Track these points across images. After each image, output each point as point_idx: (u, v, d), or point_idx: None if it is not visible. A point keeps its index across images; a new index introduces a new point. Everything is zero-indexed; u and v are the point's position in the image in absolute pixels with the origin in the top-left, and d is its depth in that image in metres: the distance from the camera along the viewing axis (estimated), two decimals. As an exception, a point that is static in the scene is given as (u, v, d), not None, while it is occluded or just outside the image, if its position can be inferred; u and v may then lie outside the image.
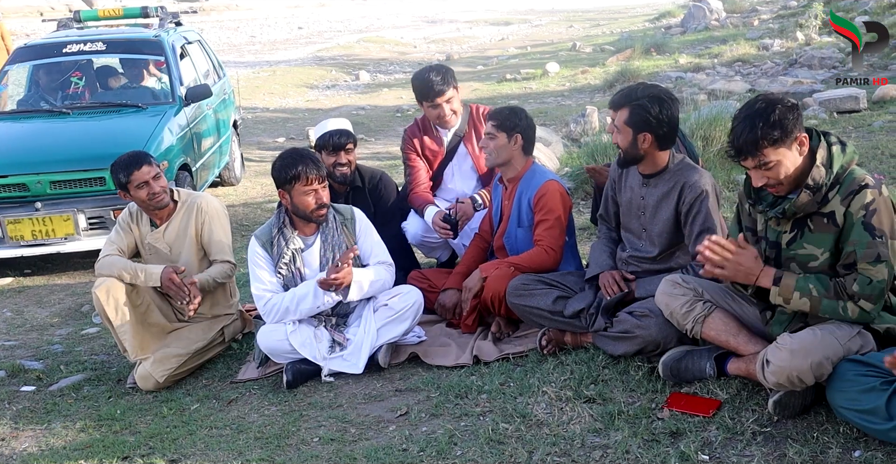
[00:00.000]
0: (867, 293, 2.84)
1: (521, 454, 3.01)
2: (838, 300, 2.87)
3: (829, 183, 2.92)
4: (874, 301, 2.85)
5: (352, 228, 4.15)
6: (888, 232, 2.86)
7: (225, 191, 8.96)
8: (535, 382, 3.55)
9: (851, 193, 2.89)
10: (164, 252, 4.36)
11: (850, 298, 2.86)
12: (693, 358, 3.33)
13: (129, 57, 7.76)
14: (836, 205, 2.91)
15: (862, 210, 2.86)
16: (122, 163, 4.20)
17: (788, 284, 2.92)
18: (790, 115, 2.87)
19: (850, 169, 2.96)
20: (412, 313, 4.02)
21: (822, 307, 2.89)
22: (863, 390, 2.74)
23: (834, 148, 2.96)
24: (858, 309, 2.85)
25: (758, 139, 2.86)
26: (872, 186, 2.89)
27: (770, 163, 2.89)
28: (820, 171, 2.92)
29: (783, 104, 2.89)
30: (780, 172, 2.91)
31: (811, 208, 2.94)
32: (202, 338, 4.32)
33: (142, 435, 3.61)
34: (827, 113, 8.52)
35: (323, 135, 4.71)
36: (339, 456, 3.18)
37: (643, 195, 3.72)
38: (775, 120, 2.85)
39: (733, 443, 2.91)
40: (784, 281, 2.93)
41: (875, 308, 2.86)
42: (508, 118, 4.16)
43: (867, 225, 2.85)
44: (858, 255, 2.86)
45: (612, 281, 3.71)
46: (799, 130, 2.90)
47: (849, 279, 2.88)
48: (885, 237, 2.85)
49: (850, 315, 2.88)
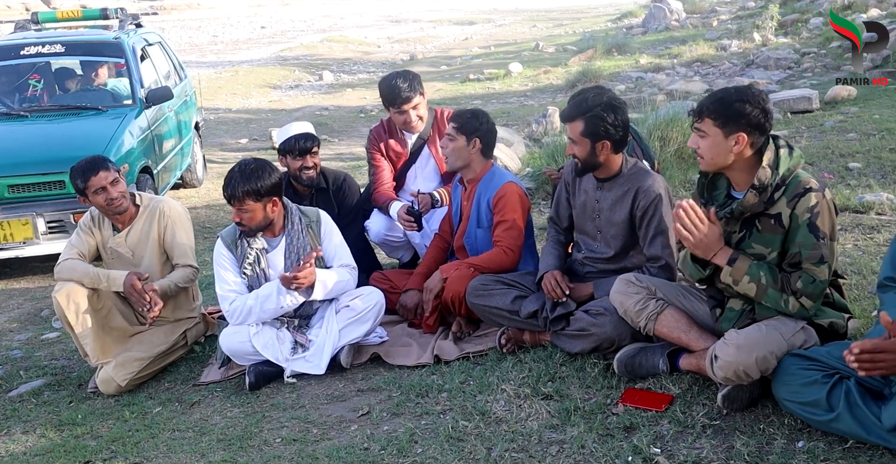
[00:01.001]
0: (809, 291, 2.95)
1: (479, 451, 3.07)
2: (783, 293, 2.98)
3: (775, 185, 3.01)
4: (814, 299, 2.96)
5: (317, 231, 4.18)
6: (829, 234, 2.97)
7: (187, 193, 8.94)
8: (495, 380, 3.62)
9: (797, 196, 2.98)
10: (126, 256, 4.37)
11: (793, 294, 2.97)
12: (647, 355, 3.42)
13: (88, 59, 7.70)
14: (782, 207, 3.00)
15: (807, 213, 2.95)
16: (80, 168, 4.20)
17: (741, 267, 3.01)
18: (750, 110, 2.95)
19: (795, 172, 3.05)
20: (374, 314, 4.07)
21: (766, 296, 2.99)
22: (805, 384, 2.84)
23: (781, 151, 3.05)
24: (799, 305, 2.96)
25: (704, 109, 3.00)
26: (817, 189, 2.99)
27: (703, 133, 3.02)
28: (766, 172, 3.01)
29: (752, 103, 2.96)
30: (707, 148, 3.02)
31: (758, 209, 3.04)
32: (164, 341, 4.33)
33: (103, 439, 3.63)
34: (781, 113, 8.69)
35: (287, 140, 4.74)
36: (301, 456, 3.22)
37: (598, 198, 3.80)
38: (732, 104, 2.96)
39: (684, 436, 2.99)
40: (738, 263, 3.02)
41: (814, 306, 2.97)
42: (469, 121, 4.22)
43: (812, 227, 2.95)
44: (803, 255, 2.97)
45: (553, 283, 3.78)
46: (744, 129, 2.96)
47: (794, 276, 2.98)
48: (826, 239, 2.96)
49: (790, 309, 2.98)
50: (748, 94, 3.01)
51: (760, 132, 3.02)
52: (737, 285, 3.04)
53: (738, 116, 2.97)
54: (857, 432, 2.73)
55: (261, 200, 3.91)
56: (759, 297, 3.02)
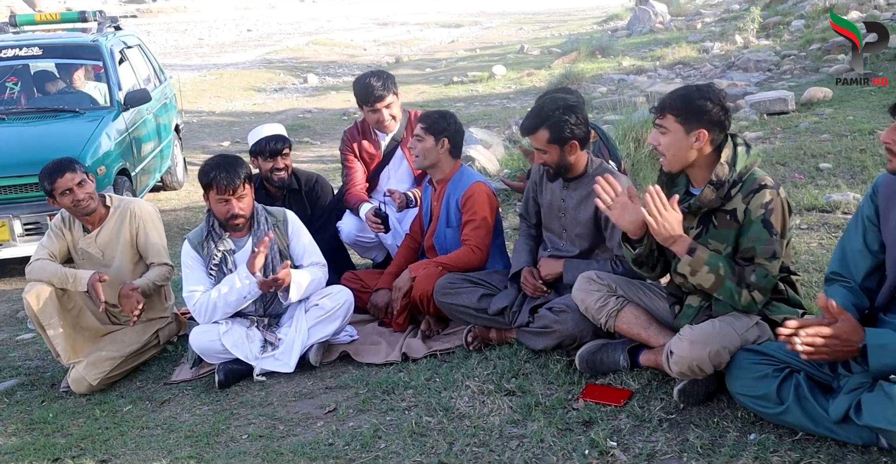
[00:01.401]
0: (762, 285, 3.01)
1: (441, 446, 3.12)
2: (738, 286, 3.02)
3: (732, 181, 3.07)
4: (765, 294, 3.03)
5: (284, 230, 4.23)
6: (780, 230, 3.03)
7: (167, 195, 8.97)
8: (460, 377, 3.67)
9: (752, 192, 3.04)
10: (96, 257, 4.40)
11: (746, 287, 3.02)
12: (608, 351, 3.47)
13: (65, 62, 7.72)
14: (737, 202, 3.07)
15: (761, 209, 3.02)
16: (47, 171, 4.25)
17: (701, 257, 3.03)
18: (710, 107, 3.02)
19: (752, 170, 3.11)
20: (342, 313, 4.12)
21: (722, 287, 3.03)
22: (757, 378, 2.90)
23: (739, 149, 3.11)
24: (750, 298, 3.01)
25: (667, 106, 3.06)
26: (771, 186, 3.05)
27: (665, 129, 3.08)
28: (723, 168, 3.07)
29: (712, 100, 3.04)
30: (668, 144, 3.08)
31: (715, 204, 3.09)
32: (136, 341, 4.37)
33: (73, 437, 3.66)
34: (757, 114, 8.78)
35: (258, 142, 4.79)
36: (266, 452, 3.27)
37: (563, 198, 3.86)
38: (694, 100, 3.02)
39: (640, 430, 3.05)
40: (698, 253, 3.05)
41: (763, 300, 3.04)
42: (437, 122, 4.28)
43: (766, 222, 3.01)
44: (758, 251, 3.03)
45: (528, 278, 3.85)
46: (705, 126, 3.03)
47: (748, 270, 3.04)
48: (778, 235, 3.02)
49: (741, 302, 3.04)
50: (709, 91, 3.08)
51: (720, 129, 3.08)
52: (694, 276, 3.05)
53: (699, 112, 3.03)
54: (805, 425, 2.79)
55: (251, 184, 4.06)
56: (714, 288, 3.05)
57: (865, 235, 2.92)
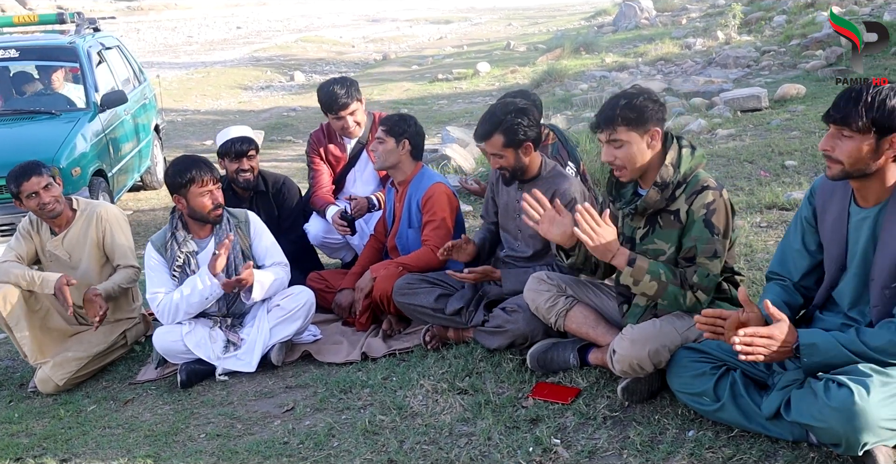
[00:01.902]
0: (704, 285, 3.08)
1: (392, 444, 3.20)
2: (681, 289, 3.09)
3: (676, 183, 3.14)
4: (708, 293, 3.09)
5: (246, 231, 4.30)
6: (723, 231, 3.10)
7: (147, 194, 9.03)
8: (416, 376, 3.75)
9: (695, 193, 3.11)
10: (63, 259, 4.47)
11: (690, 288, 3.09)
12: (558, 350, 3.55)
13: (43, 64, 7.77)
14: (681, 203, 3.13)
15: (703, 209, 3.09)
16: (13, 174, 4.31)
17: (641, 267, 3.09)
18: (652, 106, 3.07)
19: (696, 171, 3.18)
20: (304, 313, 4.19)
21: (666, 293, 3.09)
22: (695, 375, 2.98)
23: (684, 151, 3.18)
24: (695, 299, 3.08)
25: (615, 116, 3.07)
26: (714, 187, 3.12)
27: (620, 142, 3.09)
28: (668, 170, 3.13)
29: (650, 96, 3.10)
30: (626, 155, 3.10)
31: (660, 205, 3.16)
32: (103, 341, 4.44)
33: (36, 437, 3.74)
34: (731, 112, 8.85)
35: (224, 143, 4.85)
36: (222, 450, 3.35)
37: (518, 199, 3.93)
38: (637, 104, 3.06)
39: (584, 427, 3.13)
40: (637, 263, 3.10)
41: (707, 299, 3.10)
42: (397, 124, 4.35)
43: (707, 222, 3.08)
44: (698, 250, 3.10)
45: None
46: (655, 124, 3.08)
47: (689, 271, 3.11)
48: (720, 235, 3.09)
49: (686, 304, 3.10)
50: (642, 92, 3.13)
51: (663, 124, 3.15)
52: (637, 285, 3.11)
53: (644, 112, 3.07)
54: (739, 421, 2.88)
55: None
56: (658, 294, 3.10)
57: (804, 235, 3.00)
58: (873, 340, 2.57)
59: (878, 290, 2.69)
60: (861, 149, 2.58)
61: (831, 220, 2.85)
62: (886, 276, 2.66)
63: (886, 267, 2.65)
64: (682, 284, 3.10)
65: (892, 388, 2.49)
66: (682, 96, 10.55)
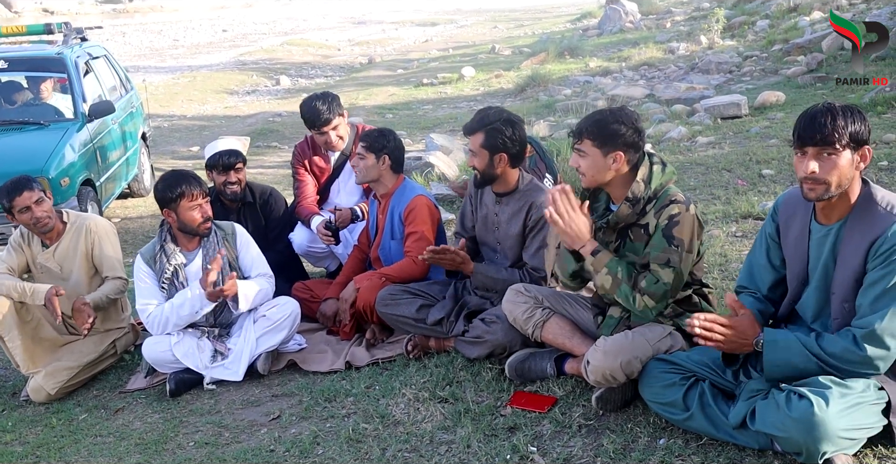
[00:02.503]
0: (651, 291, 3.19)
1: (375, 451, 3.32)
2: (633, 290, 3.21)
3: (647, 198, 3.27)
4: (657, 300, 3.19)
5: (233, 242, 4.41)
6: (686, 244, 3.21)
7: (135, 202, 9.11)
8: (398, 385, 3.86)
9: (662, 208, 3.24)
10: (54, 271, 4.57)
11: (639, 292, 3.21)
12: (535, 360, 3.68)
13: (31, 74, 7.85)
14: (650, 218, 3.26)
15: (666, 220, 3.21)
16: (5, 189, 4.41)
17: (602, 260, 3.23)
18: (625, 131, 3.20)
19: (666, 187, 3.31)
20: (289, 323, 4.31)
21: (619, 290, 3.22)
22: (665, 386, 3.11)
23: (655, 167, 3.31)
24: (644, 303, 3.20)
25: (584, 130, 3.24)
26: (681, 202, 3.24)
27: (583, 152, 3.26)
28: (639, 186, 3.27)
29: (626, 125, 3.21)
30: (587, 166, 3.26)
31: (631, 219, 3.29)
32: (94, 351, 4.54)
33: (30, 445, 3.84)
34: (711, 119, 9.01)
35: (213, 156, 4.97)
36: (210, 459, 3.46)
37: (496, 212, 4.06)
38: (609, 126, 3.20)
39: (560, 435, 3.25)
40: (600, 255, 3.24)
41: (657, 307, 3.21)
42: (377, 140, 4.47)
43: (667, 232, 3.20)
44: (652, 256, 3.22)
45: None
46: (622, 148, 3.21)
47: (640, 275, 3.23)
48: (682, 248, 3.20)
49: (636, 306, 3.22)
50: (622, 115, 3.27)
51: (635, 150, 3.27)
52: (596, 275, 3.25)
53: (614, 136, 3.21)
54: (708, 430, 3.00)
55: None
56: (613, 290, 3.23)
57: (769, 251, 3.13)
58: (830, 347, 2.70)
59: (838, 303, 2.83)
60: (844, 165, 2.68)
61: (794, 236, 2.99)
62: (846, 290, 2.79)
63: (845, 282, 2.79)
64: (634, 286, 3.21)
65: (850, 399, 2.62)
66: (663, 103, 10.72)
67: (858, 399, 2.62)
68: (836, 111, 2.66)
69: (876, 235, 2.68)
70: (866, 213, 2.73)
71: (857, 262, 2.73)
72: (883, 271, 2.66)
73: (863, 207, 2.75)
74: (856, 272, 2.74)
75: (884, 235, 2.65)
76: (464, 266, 4.05)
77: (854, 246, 2.75)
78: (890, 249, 2.64)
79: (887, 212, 2.69)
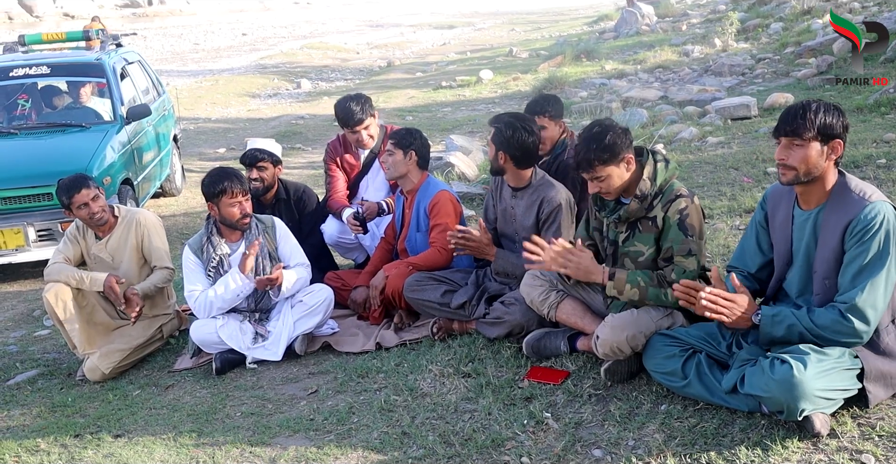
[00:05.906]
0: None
1: (405, 419, 3.68)
2: (660, 288, 3.58)
3: (654, 193, 3.63)
4: None
5: (272, 235, 4.80)
6: (698, 232, 3.58)
7: (167, 201, 9.52)
8: (425, 362, 4.23)
9: (669, 202, 3.59)
10: (107, 261, 4.97)
11: (669, 286, 3.57)
12: (550, 338, 4.04)
13: (72, 79, 8.26)
14: (658, 211, 3.62)
15: (677, 214, 3.57)
16: (64, 186, 4.82)
17: (621, 279, 3.60)
18: (619, 140, 3.55)
19: (671, 182, 3.67)
20: (324, 308, 4.69)
21: (648, 295, 3.58)
22: (666, 357, 3.46)
23: (659, 165, 3.66)
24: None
25: (591, 159, 3.55)
26: (686, 195, 3.60)
27: (601, 177, 3.59)
28: (646, 183, 3.62)
29: (614, 131, 3.56)
30: (609, 185, 3.61)
31: (640, 214, 3.65)
32: (143, 335, 4.93)
33: (90, 417, 4.23)
34: (721, 120, 9.32)
35: (245, 152, 5.36)
36: (257, 426, 3.84)
37: (513, 205, 4.43)
38: (607, 144, 3.53)
39: (572, 403, 3.61)
40: (617, 276, 3.61)
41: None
42: (405, 138, 4.85)
43: (682, 226, 3.56)
44: (675, 250, 3.58)
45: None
46: (627, 152, 3.57)
47: (668, 270, 3.60)
48: (696, 235, 3.58)
49: (669, 300, 3.57)
50: (604, 125, 3.59)
51: (631, 143, 3.62)
52: (622, 295, 3.61)
53: (615, 146, 3.55)
54: (703, 395, 3.35)
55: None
56: (643, 298, 3.58)
57: (758, 236, 3.49)
58: (819, 319, 3.06)
59: (819, 280, 3.18)
60: (811, 155, 3.06)
61: (779, 222, 3.34)
62: (826, 268, 3.15)
63: (826, 261, 3.14)
64: (661, 284, 3.57)
65: (826, 364, 2.97)
66: (676, 105, 11.03)
67: (834, 364, 2.97)
68: (809, 107, 3.03)
69: (850, 217, 3.03)
70: (842, 199, 3.09)
71: (835, 242, 3.08)
72: (859, 250, 3.02)
73: (839, 194, 3.11)
74: (835, 252, 3.09)
75: (857, 218, 3.01)
76: (488, 249, 4.41)
77: (832, 228, 3.10)
78: (863, 229, 3.00)
79: (860, 197, 3.05)
